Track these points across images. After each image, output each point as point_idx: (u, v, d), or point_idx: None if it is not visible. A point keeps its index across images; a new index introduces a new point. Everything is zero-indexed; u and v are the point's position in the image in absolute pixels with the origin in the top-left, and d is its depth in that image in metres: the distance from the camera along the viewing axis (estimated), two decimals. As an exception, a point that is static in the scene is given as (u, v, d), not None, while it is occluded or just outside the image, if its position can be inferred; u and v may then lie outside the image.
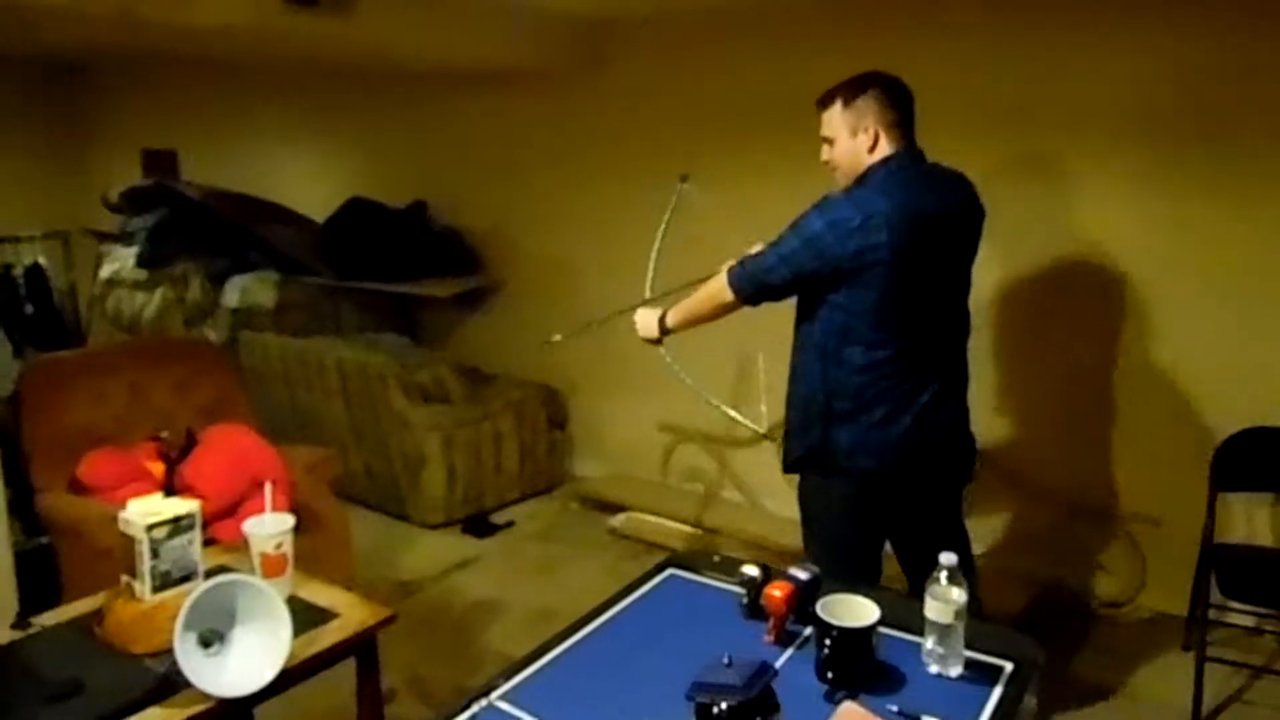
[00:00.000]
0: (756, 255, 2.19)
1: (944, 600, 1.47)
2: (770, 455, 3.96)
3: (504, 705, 1.42)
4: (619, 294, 4.33)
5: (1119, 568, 3.27)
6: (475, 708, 1.41)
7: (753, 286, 2.18)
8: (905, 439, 2.12)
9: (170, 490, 2.64)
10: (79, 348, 4.97)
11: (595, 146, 4.33)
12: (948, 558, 1.50)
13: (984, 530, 3.47)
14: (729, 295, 2.22)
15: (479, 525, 4.03)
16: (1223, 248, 2.97)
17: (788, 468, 2.29)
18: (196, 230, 5.20)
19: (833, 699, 1.40)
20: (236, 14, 2.93)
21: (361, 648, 1.86)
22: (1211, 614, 2.68)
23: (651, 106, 4.11)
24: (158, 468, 2.85)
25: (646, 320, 2.44)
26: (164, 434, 2.97)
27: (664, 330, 2.41)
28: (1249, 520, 3.01)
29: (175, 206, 5.28)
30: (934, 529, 2.25)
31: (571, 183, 4.46)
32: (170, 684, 1.56)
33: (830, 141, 2.19)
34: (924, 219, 2.06)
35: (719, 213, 3.96)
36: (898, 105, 2.13)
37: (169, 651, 1.52)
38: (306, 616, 1.80)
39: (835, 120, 2.17)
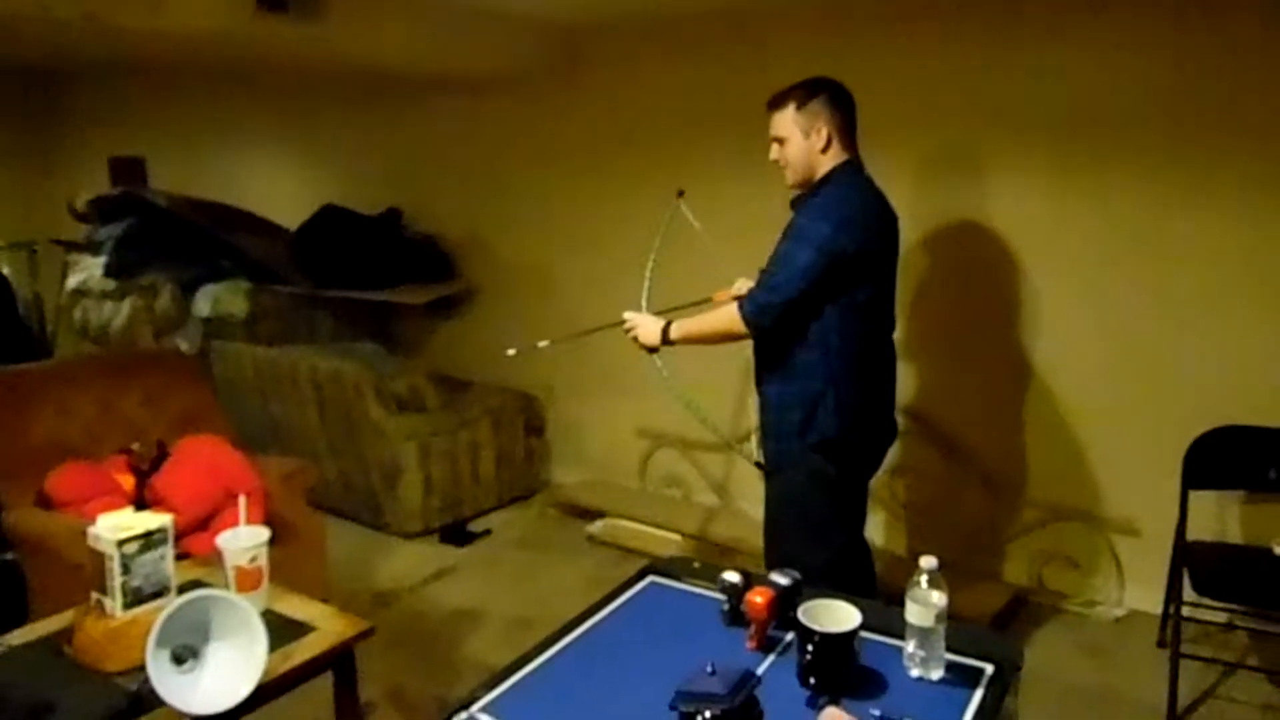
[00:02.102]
0: (764, 284, 2.25)
1: (924, 604, 1.48)
2: (747, 459, 3.98)
3: (485, 717, 1.41)
4: (595, 299, 4.35)
5: (1094, 567, 3.30)
6: (457, 719, 1.40)
7: (770, 317, 2.24)
8: (886, 423, 2.43)
9: (141, 504, 2.60)
10: (45, 359, 4.89)
11: (569, 153, 4.33)
12: (928, 561, 1.50)
13: (960, 533, 3.49)
14: (741, 328, 2.28)
15: (457, 534, 4.00)
16: (1192, 245, 3.01)
17: (775, 468, 2.38)
18: (166, 239, 5.13)
19: (815, 704, 1.40)
20: (206, 19, 2.90)
21: (339, 661, 1.84)
22: (1185, 611, 2.71)
23: (625, 113, 4.11)
24: (128, 481, 2.80)
25: (649, 329, 2.47)
26: (134, 446, 2.92)
27: (665, 341, 2.44)
28: (1221, 518, 3.05)
29: (144, 215, 5.21)
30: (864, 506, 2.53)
31: (546, 189, 4.45)
32: (142, 702, 1.54)
33: (781, 141, 2.30)
34: (886, 221, 2.32)
35: (698, 216, 3.97)
36: (845, 110, 2.29)
37: (141, 669, 1.49)
38: (282, 630, 1.78)
39: (788, 121, 2.28)
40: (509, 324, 4.72)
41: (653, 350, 2.49)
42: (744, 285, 2.49)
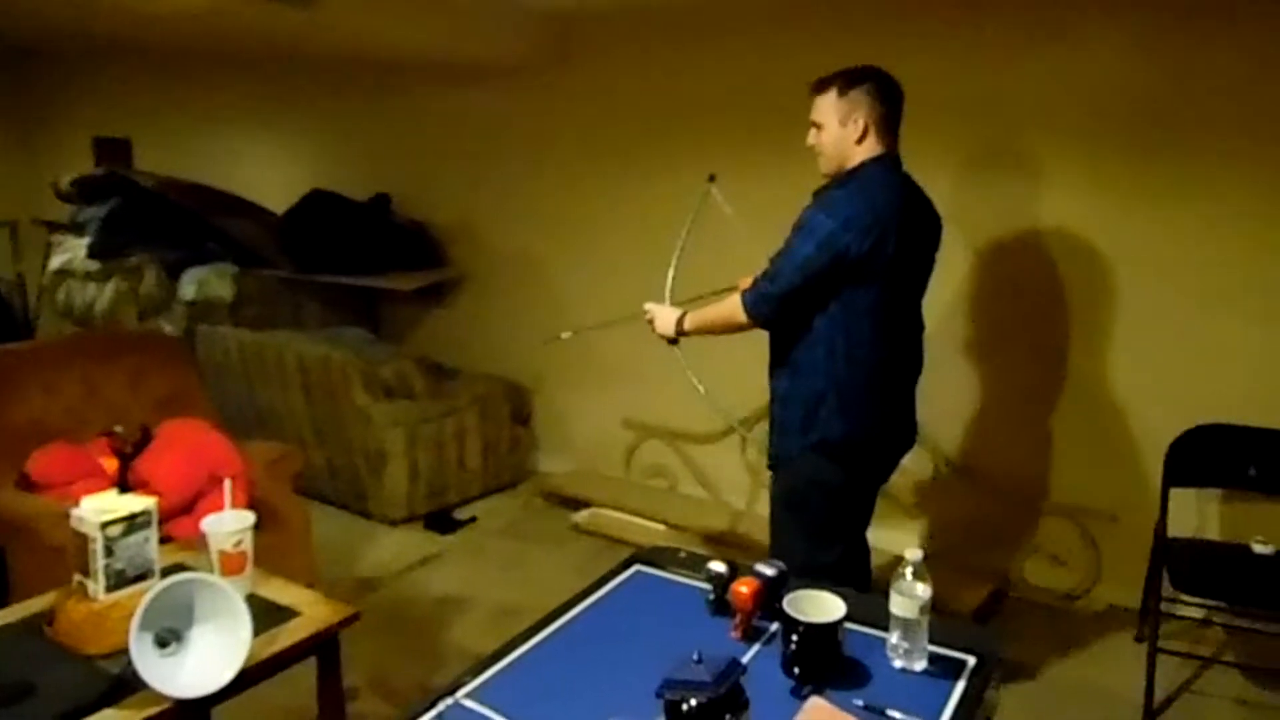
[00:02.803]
0: (765, 274, 2.21)
1: (909, 595, 1.49)
2: (734, 451, 4.00)
3: (470, 703, 1.41)
4: (585, 287, 4.36)
5: (1074, 562, 3.33)
6: (441, 706, 1.40)
7: (770, 308, 2.21)
8: (897, 426, 2.34)
9: (124, 487, 2.58)
10: (27, 340, 4.84)
11: (561, 141, 4.31)
12: (913, 553, 1.51)
13: (942, 526, 3.52)
14: (744, 319, 2.25)
15: (442, 521, 4.00)
16: (1174, 245, 3.03)
17: (779, 463, 2.33)
18: (151, 220, 5.08)
19: (800, 694, 1.41)
20: (197, 0, 2.87)
21: (323, 646, 1.83)
22: (1163, 606, 2.74)
23: (618, 101, 4.10)
24: (111, 464, 2.78)
25: (665, 319, 2.46)
26: (118, 429, 2.90)
27: (680, 332, 2.42)
28: (1200, 515, 3.08)
29: (129, 196, 5.16)
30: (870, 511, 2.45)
31: (537, 177, 4.43)
32: (125, 685, 1.53)
33: (819, 127, 2.22)
34: (913, 222, 2.21)
35: (683, 208, 3.97)
36: (889, 103, 2.19)
37: (123, 652, 1.48)
38: (267, 615, 1.77)
39: (827, 107, 2.20)
40: (498, 312, 4.71)
41: (671, 341, 2.47)
42: None
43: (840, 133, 2.18)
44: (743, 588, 1.58)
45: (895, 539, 3.64)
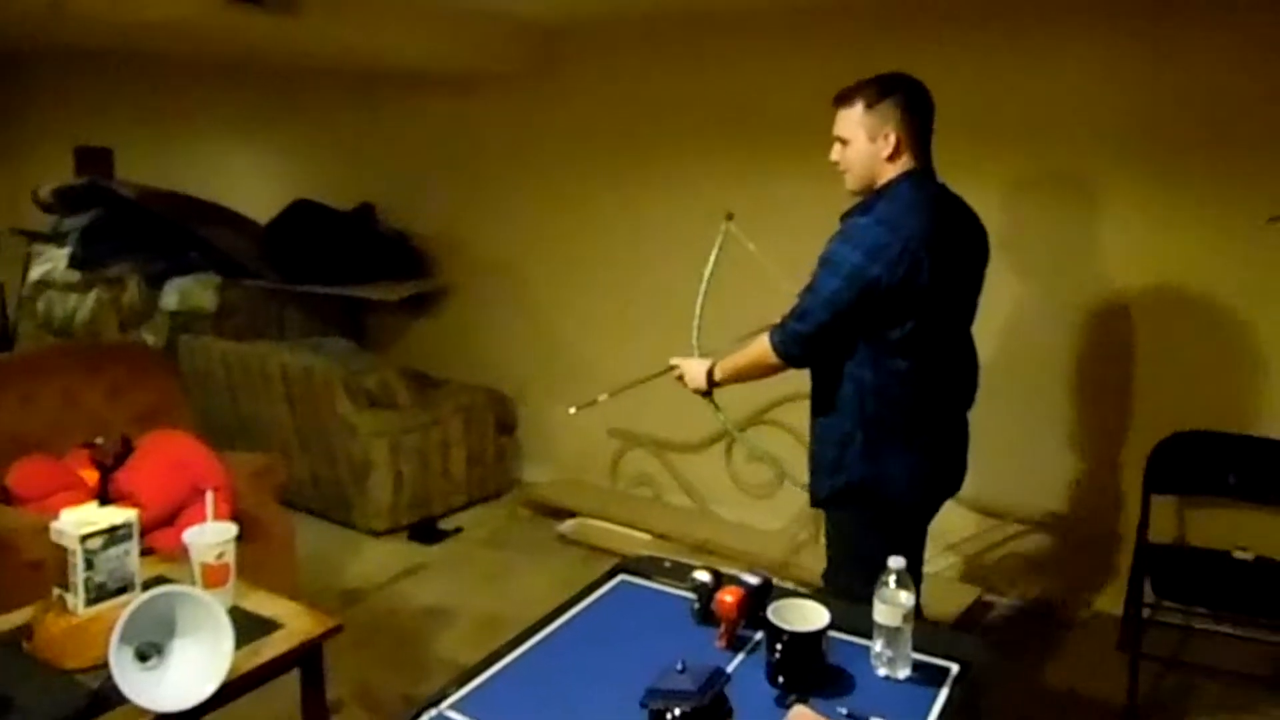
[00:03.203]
0: (793, 313, 2.06)
1: (892, 604, 1.49)
2: (719, 460, 4.00)
3: (454, 715, 1.40)
4: (569, 299, 4.36)
5: (1056, 569, 3.35)
6: (425, 717, 1.39)
7: (800, 348, 2.07)
8: (941, 466, 2.16)
9: (105, 499, 2.55)
10: (6, 351, 4.80)
11: (546, 152, 4.32)
12: (896, 561, 1.52)
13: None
14: (774, 360, 2.11)
15: (426, 532, 3.98)
16: (1156, 257, 3.07)
17: (818, 503, 2.20)
18: (133, 231, 5.05)
19: (784, 703, 1.42)
20: (176, 10, 2.86)
21: (306, 658, 1.82)
22: (1145, 613, 2.76)
23: (602, 112, 4.11)
24: (91, 475, 2.76)
25: (695, 372, 2.32)
26: (98, 440, 2.87)
27: (712, 383, 2.29)
28: (1182, 522, 3.11)
29: (110, 206, 5.12)
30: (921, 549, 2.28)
31: (521, 187, 4.43)
32: (104, 700, 1.51)
33: (844, 142, 2.06)
34: (951, 244, 2.03)
35: (675, 216, 3.99)
36: (921, 114, 2.04)
37: (103, 666, 1.47)
38: (249, 627, 1.76)
39: (853, 121, 2.04)
40: (482, 321, 4.70)
41: (704, 394, 2.33)
42: None
43: (870, 149, 2.02)
44: (727, 597, 1.59)
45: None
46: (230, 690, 1.58)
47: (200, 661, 1.54)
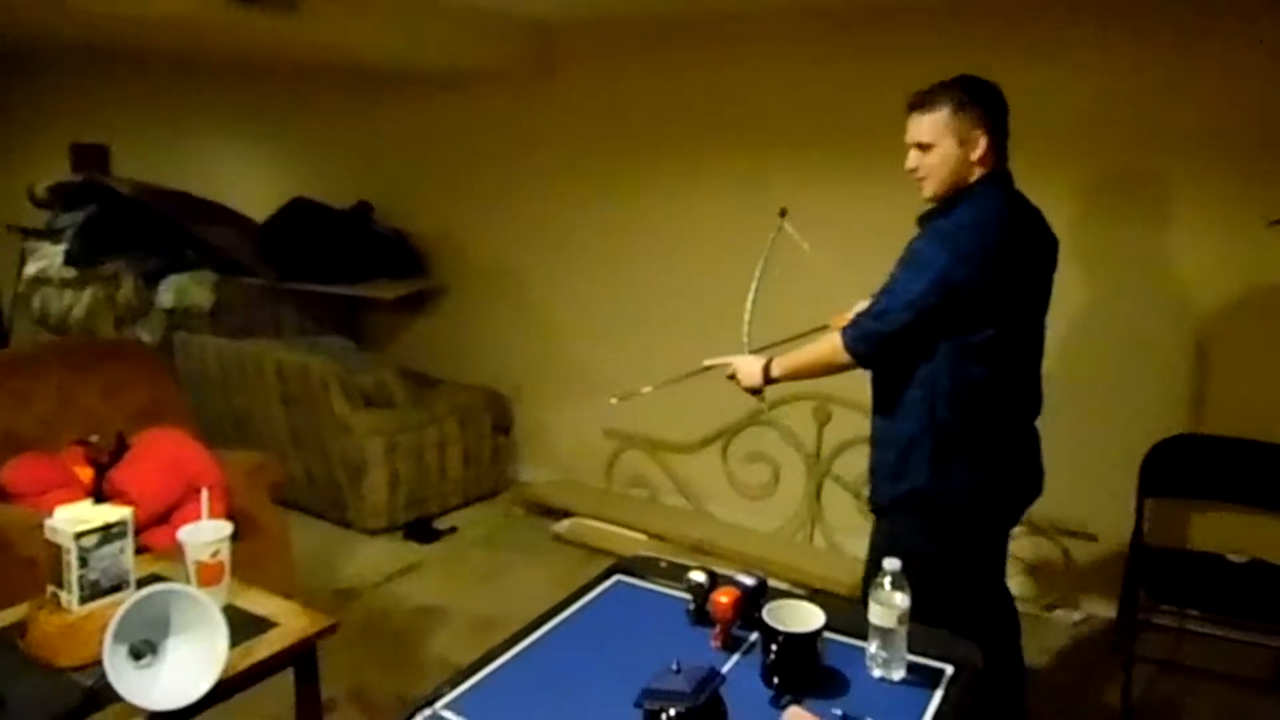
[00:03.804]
0: (870, 311, 2.02)
1: (887, 605, 1.49)
2: (715, 461, 4.00)
3: (449, 714, 1.40)
4: (566, 298, 4.36)
5: (1051, 572, 3.36)
6: (419, 717, 1.39)
7: (874, 346, 2.01)
8: (1011, 476, 2.10)
9: (100, 497, 2.55)
10: (1, 348, 4.78)
11: (543, 151, 4.32)
12: (891, 563, 1.52)
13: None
14: (844, 358, 2.04)
15: (422, 531, 3.98)
16: (1148, 261, 3.07)
17: (881, 510, 2.14)
18: (129, 228, 5.04)
19: (778, 703, 1.42)
20: (176, 6, 2.85)
21: (300, 657, 1.82)
22: (1140, 616, 2.77)
23: (602, 113, 4.11)
24: (86, 473, 2.75)
25: (749, 369, 2.24)
26: (93, 438, 2.87)
27: (768, 380, 2.22)
28: (1176, 525, 3.12)
29: (106, 203, 5.11)
30: (1002, 560, 2.24)
31: (519, 186, 4.43)
32: (98, 698, 1.51)
33: (925, 148, 1.99)
34: (1032, 249, 2.02)
35: (673, 215, 3.99)
36: (1002, 114, 2.01)
37: (97, 664, 1.46)
38: (244, 626, 1.75)
39: (939, 125, 1.97)
40: (479, 321, 4.70)
41: (754, 392, 2.26)
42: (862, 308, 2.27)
43: (958, 153, 1.96)
44: (722, 597, 1.59)
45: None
46: (224, 689, 1.58)
47: (194, 660, 1.54)
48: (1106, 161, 3.09)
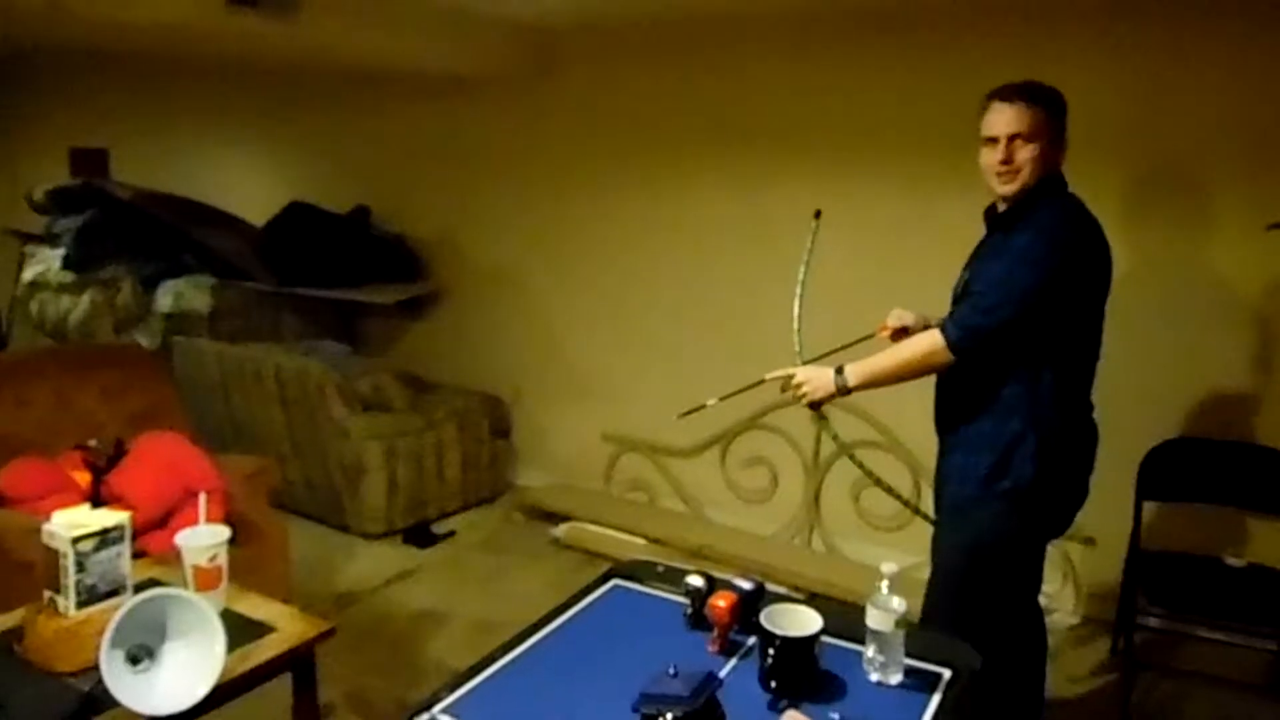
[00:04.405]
0: (975, 306, 1.98)
1: (885, 609, 1.49)
2: (713, 465, 4.00)
3: (447, 718, 1.40)
4: (564, 303, 4.37)
5: (1050, 576, 3.34)
6: (417, 722, 1.39)
7: (978, 342, 1.96)
8: (1084, 473, 2.12)
9: (97, 501, 2.55)
10: None
11: (542, 156, 4.32)
12: (889, 567, 1.53)
13: (918, 540, 3.53)
14: (946, 356, 1.98)
15: (420, 535, 3.97)
16: (1154, 264, 3.08)
17: (958, 512, 2.11)
18: (127, 232, 5.04)
19: (776, 707, 1.42)
20: (175, 12, 2.86)
21: (299, 662, 1.82)
22: (1138, 619, 2.76)
23: (599, 116, 4.11)
24: (84, 477, 2.75)
25: (821, 380, 2.11)
26: (91, 442, 2.87)
27: (844, 390, 2.10)
28: (1174, 529, 3.11)
29: (105, 207, 5.12)
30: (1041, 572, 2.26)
31: (517, 190, 4.44)
32: (95, 702, 1.51)
33: (1028, 141, 1.96)
34: (1105, 248, 2.03)
35: (671, 220, 4.00)
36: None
37: (94, 669, 1.46)
38: (242, 630, 1.75)
39: (1041, 121, 1.97)
40: (477, 325, 4.70)
41: (816, 406, 2.16)
42: (902, 316, 2.30)
43: (1052, 153, 1.99)
44: (720, 602, 1.59)
45: (873, 553, 3.67)
46: (222, 694, 1.58)
47: (192, 665, 1.54)
48: (1104, 164, 3.10)
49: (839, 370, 2.09)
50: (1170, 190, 3.03)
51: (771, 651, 1.45)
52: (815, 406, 2.17)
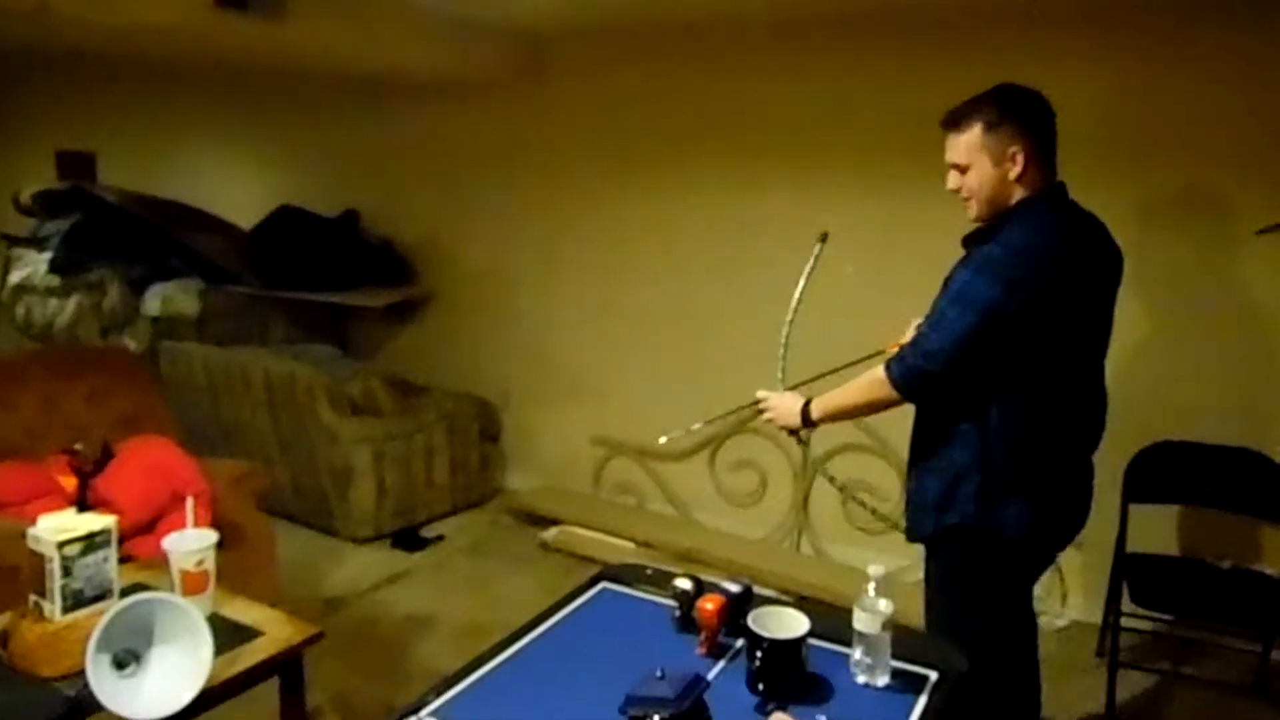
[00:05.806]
0: (917, 343, 1.91)
1: (871, 611, 1.50)
2: (702, 468, 4.01)
3: (434, 723, 1.40)
4: (553, 307, 4.37)
5: (1038, 577, 3.37)
6: (405, 726, 1.39)
7: (920, 384, 1.90)
8: (1060, 510, 2.01)
9: (84, 505, 2.53)
10: (-15, 356, 4.74)
11: (532, 160, 4.33)
12: (876, 570, 1.53)
13: (905, 544, 3.54)
14: (889, 392, 1.93)
15: (409, 539, 3.97)
16: (1149, 266, 3.10)
17: (924, 539, 2.06)
18: (115, 235, 5.02)
19: (763, 710, 1.42)
20: (164, 14, 2.85)
21: (286, 666, 1.81)
22: (1124, 621, 2.78)
23: (590, 122, 4.12)
24: (70, 481, 2.73)
25: (787, 409, 2.11)
26: (78, 446, 2.84)
27: (807, 422, 2.08)
28: (1159, 530, 3.14)
29: (92, 210, 5.09)
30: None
31: (506, 194, 4.44)
32: (80, 707, 1.50)
33: (963, 169, 1.91)
34: (1087, 270, 1.91)
35: (660, 226, 4.01)
36: (1044, 125, 1.90)
37: (80, 674, 1.46)
38: (229, 635, 1.75)
39: (972, 145, 1.88)
40: (466, 329, 4.70)
41: (793, 433, 2.14)
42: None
43: (995, 173, 1.87)
44: (708, 604, 1.59)
45: (859, 556, 3.68)
46: (209, 698, 1.58)
47: (179, 669, 1.53)
48: (1105, 168, 3.13)
49: (808, 402, 2.09)
50: (1167, 195, 3.05)
51: (759, 654, 1.46)
52: (793, 433, 2.15)
